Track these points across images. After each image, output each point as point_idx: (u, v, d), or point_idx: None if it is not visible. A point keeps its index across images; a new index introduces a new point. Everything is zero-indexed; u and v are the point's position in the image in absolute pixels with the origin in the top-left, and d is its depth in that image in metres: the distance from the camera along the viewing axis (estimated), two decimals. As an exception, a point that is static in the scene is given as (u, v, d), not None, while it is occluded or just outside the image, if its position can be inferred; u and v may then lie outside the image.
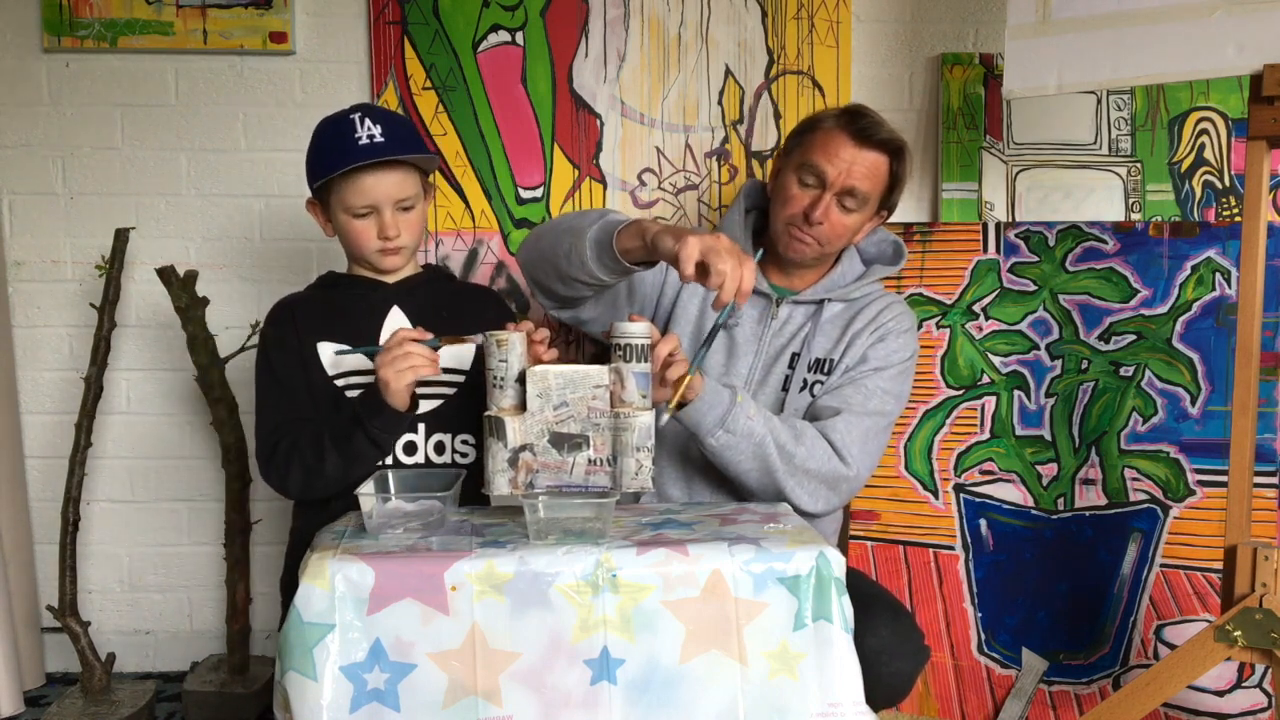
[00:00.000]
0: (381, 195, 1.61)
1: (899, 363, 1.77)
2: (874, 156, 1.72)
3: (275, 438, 1.59)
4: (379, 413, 1.52)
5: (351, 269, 1.73)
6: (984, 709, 2.08)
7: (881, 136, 1.72)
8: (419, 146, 1.67)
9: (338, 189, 1.62)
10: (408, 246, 1.67)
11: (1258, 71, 1.59)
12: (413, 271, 1.73)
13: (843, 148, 1.71)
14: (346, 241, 1.68)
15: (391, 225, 1.63)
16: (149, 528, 2.45)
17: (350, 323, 1.66)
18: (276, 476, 1.60)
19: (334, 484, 1.56)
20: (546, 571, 1.25)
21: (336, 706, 1.22)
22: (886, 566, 2.15)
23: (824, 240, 1.75)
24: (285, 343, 1.65)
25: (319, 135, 1.66)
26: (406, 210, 1.65)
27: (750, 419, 1.59)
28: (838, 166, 1.71)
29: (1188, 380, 2.04)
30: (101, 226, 2.31)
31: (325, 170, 1.61)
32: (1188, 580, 2.02)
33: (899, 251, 1.87)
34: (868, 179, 1.72)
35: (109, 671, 2.21)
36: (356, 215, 1.63)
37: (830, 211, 1.72)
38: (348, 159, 1.58)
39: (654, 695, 1.25)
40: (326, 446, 1.54)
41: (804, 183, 1.74)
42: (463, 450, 1.67)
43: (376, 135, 1.59)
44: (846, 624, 1.28)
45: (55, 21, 2.29)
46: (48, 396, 2.41)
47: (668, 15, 2.34)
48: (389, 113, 1.66)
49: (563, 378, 1.38)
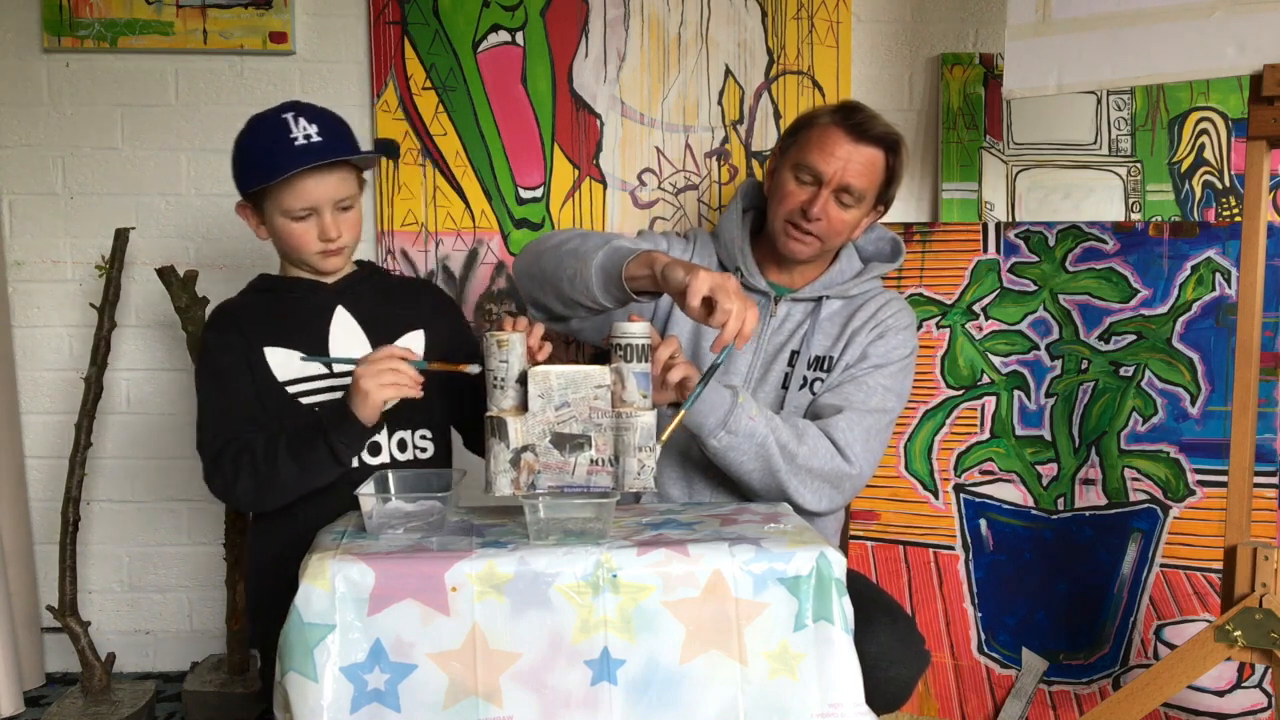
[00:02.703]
0: (321, 197, 1.55)
1: (899, 359, 1.77)
2: (870, 152, 1.72)
3: (221, 442, 1.53)
4: (343, 423, 1.47)
5: (286, 270, 1.67)
6: (984, 709, 2.08)
7: (877, 131, 1.72)
8: (354, 144, 1.61)
9: (274, 192, 1.55)
10: (349, 246, 1.62)
11: (1258, 71, 1.59)
12: (350, 270, 1.68)
13: (838, 144, 1.71)
14: (285, 244, 1.61)
15: (333, 226, 1.57)
16: (149, 528, 2.45)
17: (296, 326, 1.60)
18: (221, 482, 1.53)
19: (286, 493, 1.52)
20: (547, 572, 1.25)
21: (337, 707, 1.22)
22: (886, 566, 2.15)
23: (823, 236, 1.75)
24: (232, 347, 1.59)
25: (251, 137, 1.58)
26: (346, 210, 1.59)
27: (752, 419, 1.59)
28: (834, 163, 1.70)
29: (1188, 380, 2.04)
30: (101, 226, 2.31)
31: (265, 175, 1.53)
32: (1188, 580, 2.02)
33: (897, 249, 1.87)
34: (864, 175, 1.72)
35: (109, 671, 2.21)
36: (295, 218, 1.56)
37: (828, 208, 1.72)
38: (290, 162, 1.51)
39: (654, 695, 1.25)
40: (281, 453, 1.49)
41: (800, 180, 1.73)
42: (422, 445, 1.64)
43: (313, 135, 1.53)
44: (847, 625, 1.28)
45: (55, 21, 2.29)
46: (48, 396, 2.41)
47: (668, 15, 2.34)
48: (321, 110, 1.59)
49: (564, 378, 1.38)
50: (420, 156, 2.33)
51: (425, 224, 2.34)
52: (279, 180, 1.53)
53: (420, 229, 2.34)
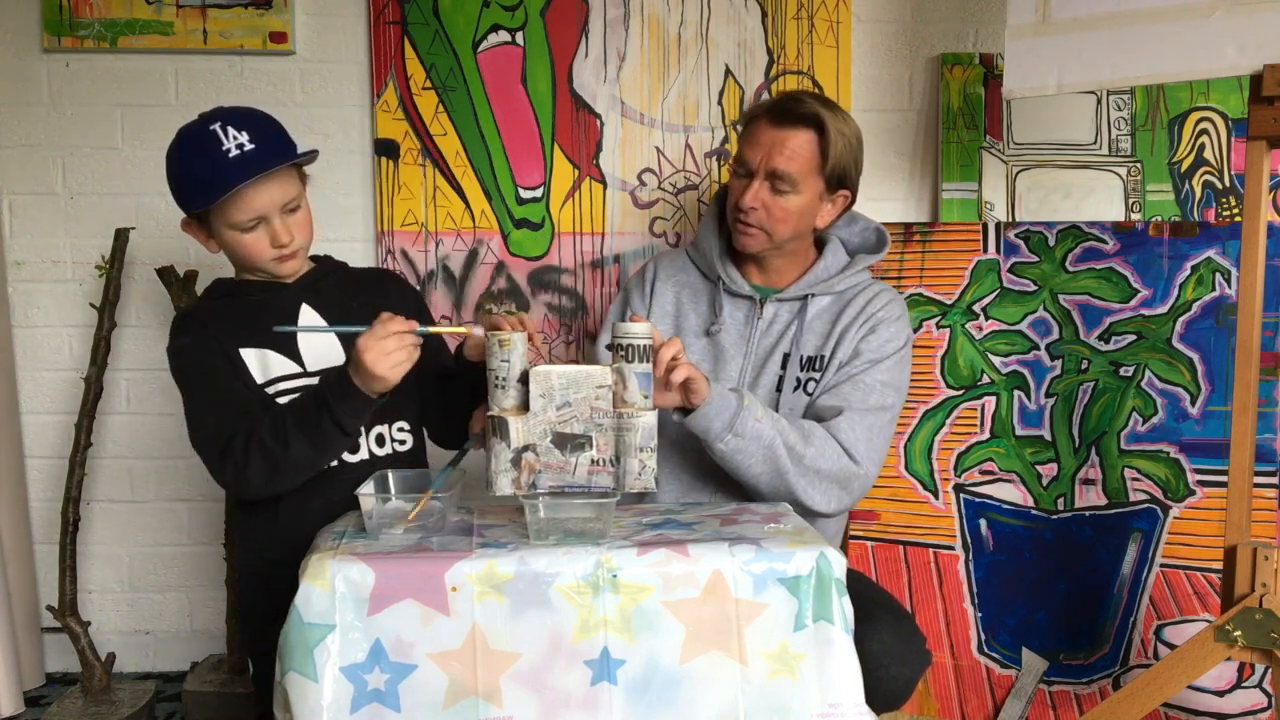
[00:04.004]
0: (267, 205, 1.52)
1: (894, 352, 1.74)
2: (792, 133, 1.69)
3: (225, 433, 1.50)
4: (346, 397, 1.44)
5: (241, 275, 1.64)
6: (984, 709, 2.08)
7: (799, 112, 1.69)
8: (287, 145, 1.56)
9: (218, 208, 1.51)
10: (303, 247, 1.60)
11: (1258, 71, 1.59)
12: (308, 268, 1.66)
13: (762, 132, 1.71)
14: (238, 256, 1.58)
15: (284, 232, 1.54)
16: (149, 528, 2.45)
17: (265, 327, 1.56)
18: (233, 471, 1.49)
19: (299, 473, 1.50)
20: (547, 572, 1.25)
21: (337, 707, 1.22)
22: (886, 566, 2.15)
23: (765, 226, 1.72)
24: (208, 347, 1.56)
25: (181, 153, 1.53)
26: (293, 211, 1.56)
27: (758, 421, 1.58)
28: (758, 151, 1.70)
29: (1188, 380, 2.04)
30: (101, 226, 2.31)
31: (203, 197, 1.50)
32: (1188, 580, 2.02)
33: (882, 239, 1.85)
34: (792, 159, 1.69)
35: (109, 671, 2.21)
36: (244, 230, 1.53)
37: (760, 196, 1.71)
38: (225, 177, 1.47)
39: (654, 695, 1.25)
40: (292, 432, 1.46)
41: (737, 174, 1.75)
42: (400, 439, 1.63)
43: (245, 143, 1.48)
44: (847, 625, 1.28)
45: (55, 21, 2.29)
46: (48, 396, 2.41)
47: (668, 15, 2.34)
48: (248, 113, 1.55)
49: (565, 378, 1.38)
50: (420, 156, 2.33)
51: (425, 224, 2.34)
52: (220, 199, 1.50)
53: (420, 229, 2.34)
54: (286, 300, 1.61)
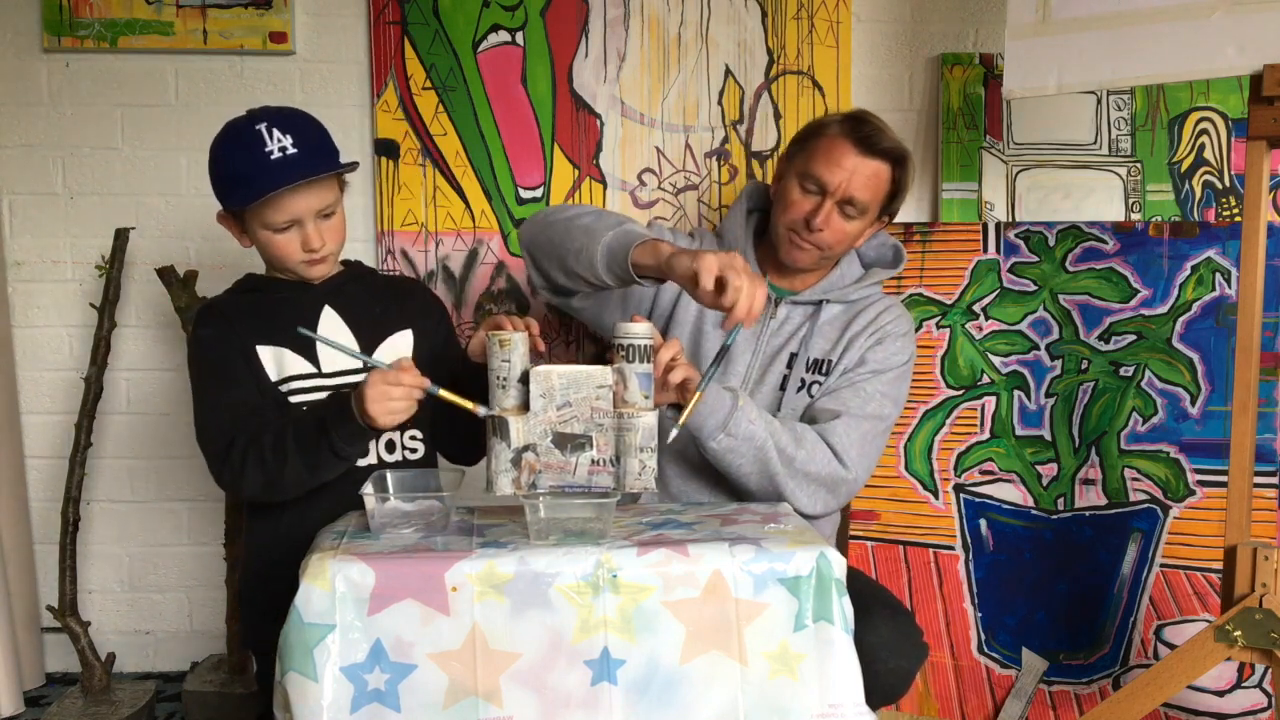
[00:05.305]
0: (303, 210, 1.53)
1: (897, 366, 1.78)
2: (876, 165, 1.72)
3: (230, 433, 1.51)
4: (344, 423, 1.46)
5: (271, 272, 1.66)
6: (984, 709, 2.08)
7: (885, 145, 1.72)
8: (331, 152, 1.58)
9: (254, 207, 1.53)
10: (334, 252, 1.61)
11: (1258, 71, 1.59)
12: (337, 270, 1.67)
13: (845, 156, 1.71)
14: (268, 254, 1.60)
15: (315, 237, 1.55)
16: (149, 528, 2.45)
17: (285, 325, 1.57)
18: (231, 475, 1.51)
19: (295, 487, 1.51)
20: (547, 572, 1.25)
21: (337, 707, 1.22)
22: (886, 566, 2.15)
23: (824, 246, 1.75)
24: (227, 340, 1.57)
25: (225, 149, 1.55)
26: (328, 217, 1.58)
27: (751, 422, 1.60)
28: (839, 175, 1.71)
29: (1188, 380, 2.04)
30: (101, 226, 2.31)
31: (243, 195, 1.52)
32: (1188, 580, 2.02)
33: (899, 255, 1.88)
34: (869, 188, 1.72)
35: (109, 671, 2.21)
36: (277, 230, 1.55)
37: (831, 219, 1.72)
38: (268, 180, 1.49)
39: (654, 696, 1.25)
40: (290, 450, 1.47)
41: (806, 189, 1.74)
42: (412, 446, 1.64)
43: (289, 147, 1.50)
44: (847, 625, 1.28)
45: (55, 21, 2.29)
46: (48, 396, 2.40)
47: (668, 15, 2.34)
48: (293, 115, 1.57)
49: (566, 378, 1.38)
50: (420, 156, 2.33)
51: (425, 224, 2.34)
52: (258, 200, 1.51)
53: (420, 229, 2.34)
54: (310, 301, 1.62)
